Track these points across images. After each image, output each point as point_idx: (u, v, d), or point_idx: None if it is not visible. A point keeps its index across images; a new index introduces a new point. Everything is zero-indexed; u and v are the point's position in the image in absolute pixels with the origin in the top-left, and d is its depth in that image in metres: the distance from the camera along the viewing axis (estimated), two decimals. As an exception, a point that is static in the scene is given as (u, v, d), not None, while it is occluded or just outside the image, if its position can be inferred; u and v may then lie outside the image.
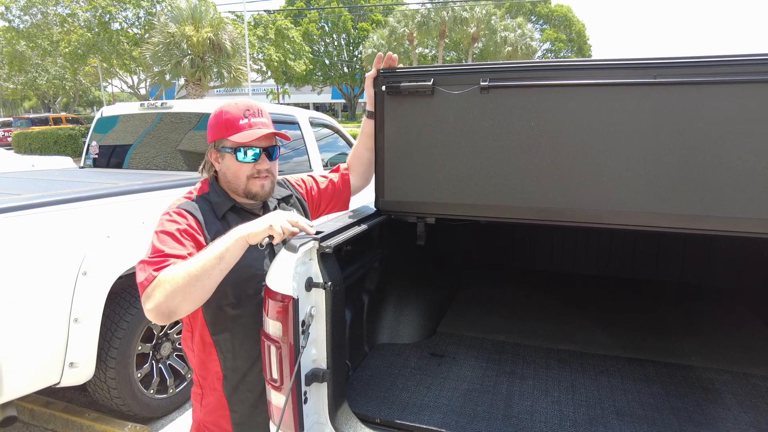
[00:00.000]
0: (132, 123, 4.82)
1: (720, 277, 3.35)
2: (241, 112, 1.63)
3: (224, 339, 1.65)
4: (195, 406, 1.77)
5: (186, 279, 1.34)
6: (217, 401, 1.70)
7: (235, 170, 1.64)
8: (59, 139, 19.74)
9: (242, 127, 1.61)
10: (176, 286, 1.33)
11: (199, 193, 1.68)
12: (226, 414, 1.71)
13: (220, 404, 1.70)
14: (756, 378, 2.25)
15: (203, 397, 1.73)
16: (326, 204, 2.10)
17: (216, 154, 1.67)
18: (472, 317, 2.96)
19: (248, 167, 1.64)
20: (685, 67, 1.64)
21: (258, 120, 1.65)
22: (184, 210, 1.57)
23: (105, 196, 2.93)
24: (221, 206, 1.65)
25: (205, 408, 1.73)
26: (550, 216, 1.90)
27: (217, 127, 1.64)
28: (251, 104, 1.66)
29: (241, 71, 17.79)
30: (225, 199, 1.67)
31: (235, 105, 1.65)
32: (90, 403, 3.37)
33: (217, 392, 1.70)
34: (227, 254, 1.40)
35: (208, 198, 1.66)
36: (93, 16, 22.15)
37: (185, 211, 1.57)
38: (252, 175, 1.64)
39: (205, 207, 1.63)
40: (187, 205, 1.60)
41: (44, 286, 2.54)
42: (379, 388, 2.12)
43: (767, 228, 1.66)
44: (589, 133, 1.78)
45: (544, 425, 1.87)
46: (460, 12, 28.51)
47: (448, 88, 1.91)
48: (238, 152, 1.62)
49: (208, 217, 1.61)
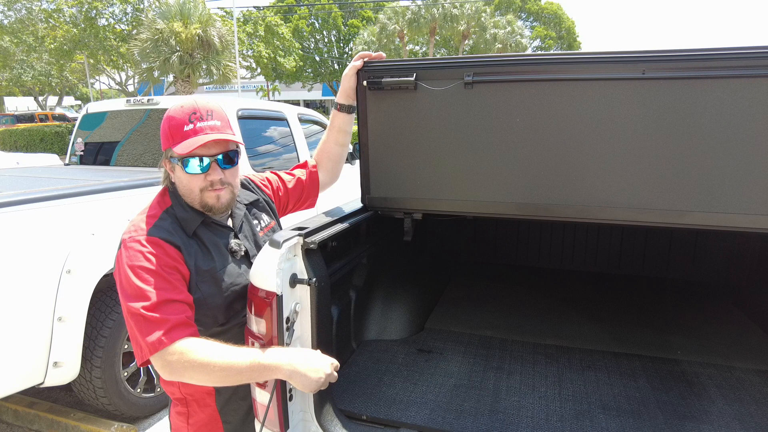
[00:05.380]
0: (119, 120, 4.77)
1: (706, 273, 3.39)
2: (187, 117, 1.43)
3: None
4: (179, 426, 1.64)
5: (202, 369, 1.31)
6: (208, 417, 1.62)
7: (186, 183, 1.48)
8: (45, 137, 19.47)
9: (187, 134, 1.42)
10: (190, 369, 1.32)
11: (164, 208, 1.51)
12: (219, 427, 1.63)
13: (212, 419, 1.62)
14: (740, 371, 2.28)
15: (190, 416, 1.62)
16: (294, 203, 1.98)
17: (169, 164, 1.50)
18: (460, 313, 2.96)
19: (199, 179, 1.46)
20: (673, 62, 1.64)
21: (205, 124, 1.44)
22: (158, 238, 1.41)
23: (89, 194, 2.90)
24: (190, 223, 1.50)
25: (193, 427, 1.62)
26: (537, 211, 1.90)
27: (164, 135, 1.47)
28: (198, 106, 1.45)
29: (230, 68, 17.64)
30: (193, 215, 1.51)
31: (180, 108, 1.45)
32: (75, 403, 3.33)
33: (210, 408, 1.61)
34: (256, 375, 1.35)
35: (174, 213, 1.50)
36: (79, 11, 21.84)
37: (162, 240, 1.41)
38: (205, 187, 1.47)
39: (175, 226, 1.48)
40: (157, 231, 1.43)
41: (27, 284, 2.50)
42: (366, 385, 2.11)
43: (752, 223, 1.67)
44: (575, 128, 1.78)
45: (530, 420, 1.88)
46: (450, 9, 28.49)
47: (432, 84, 1.89)
48: (185, 164, 1.44)
49: (184, 237, 1.47)
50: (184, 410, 1.62)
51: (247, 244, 1.64)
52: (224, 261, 1.56)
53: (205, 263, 1.50)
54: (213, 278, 1.51)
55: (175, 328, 1.34)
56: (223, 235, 1.60)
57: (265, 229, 1.75)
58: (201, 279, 1.48)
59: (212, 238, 1.55)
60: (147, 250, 1.39)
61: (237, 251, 1.59)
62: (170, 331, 1.33)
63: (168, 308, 1.35)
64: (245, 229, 1.67)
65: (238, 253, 1.60)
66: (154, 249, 1.40)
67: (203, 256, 1.51)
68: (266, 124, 5.01)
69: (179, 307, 1.38)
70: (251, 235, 1.68)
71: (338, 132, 2.03)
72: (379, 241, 2.57)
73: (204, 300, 1.49)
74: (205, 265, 1.50)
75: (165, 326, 1.32)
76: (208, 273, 1.50)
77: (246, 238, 1.65)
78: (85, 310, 2.76)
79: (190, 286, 1.46)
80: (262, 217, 1.77)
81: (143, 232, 1.42)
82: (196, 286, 1.47)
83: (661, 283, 3.42)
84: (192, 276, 1.46)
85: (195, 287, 1.47)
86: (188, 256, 1.46)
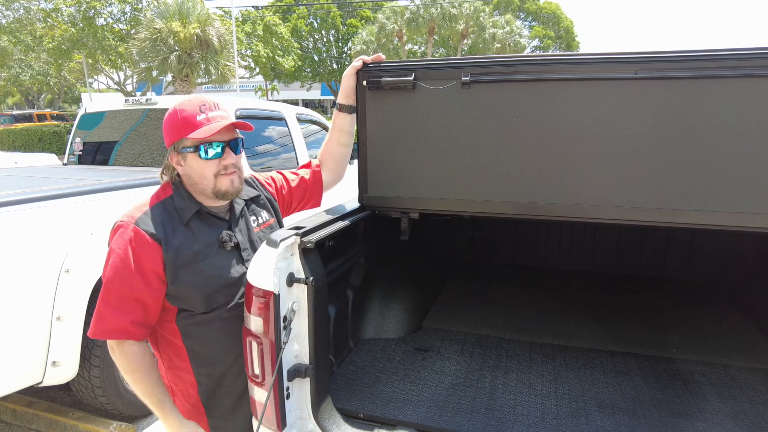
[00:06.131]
0: (117, 119, 4.77)
1: (702, 272, 3.40)
2: (197, 108, 1.54)
3: (196, 345, 1.61)
4: None
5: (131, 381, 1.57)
6: (192, 407, 1.67)
7: (201, 170, 1.55)
8: (44, 136, 19.45)
9: (200, 123, 1.52)
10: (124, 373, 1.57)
11: (162, 198, 1.59)
12: (203, 419, 1.68)
13: (196, 410, 1.67)
14: (734, 369, 2.29)
15: (175, 404, 1.67)
16: (298, 202, 2.04)
17: (177, 157, 1.57)
18: (457, 312, 2.98)
19: (214, 164, 1.55)
20: (665, 62, 1.65)
21: (216, 113, 1.56)
22: (142, 230, 1.49)
23: (88, 193, 2.90)
24: (186, 212, 1.57)
25: None
26: (533, 211, 1.92)
27: (175, 127, 1.54)
28: (206, 98, 1.57)
29: (228, 67, 17.66)
30: (190, 204, 1.59)
31: (189, 102, 1.56)
32: (74, 403, 3.33)
33: (192, 398, 1.66)
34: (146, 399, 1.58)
35: (172, 203, 1.58)
36: (77, 11, 21.81)
37: (144, 232, 1.49)
38: (219, 172, 1.56)
39: (166, 215, 1.55)
40: (144, 221, 1.51)
41: (26, 284, 2.51)
42: (363, 383, 2.12)
43: (746, 222, 1.69)
44: (570, 128, 1.79)
45: (526, 418, 1.89)
46: (449, 9, 28.52)
47: (430, 83, 1.91)
48: (201, 150, 1.53)
49: (170, 227, 1.53)
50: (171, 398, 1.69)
51: (240, 237, 1.66)
52: (210, 252, 1.58)
53: (188, 251, 1.54)
54: (194, 267, 1.54)
55: (117, 330, 1.49)
56: (217, 226, 1.63)
57: (262, 226, 1.78)
58: (181, 267, 1.52)
59: (203, 228, 1.59)
60: (128, 239, 1.49)
61: (227, 242, 1.62)
62: (114, 332, 1.50)
63: (123, 305, 1.48)
64: (240, 223, 1.70)
65: (228, 244, 1.62)
66: (135, 240, 1.48)
67: (188, 246, 1.54)
68: (265, 123, 5.02)
69: (133, 307, 1.49)
70: (246, 229, 1.71)
71: (340, 132, 2.07)
72: (377, 240, 2.58)
73: (182, 288, 1.53)
74: (188, 253, 1.54)
75: (111, 323, 1.48)
76: (190, 261, 1.54)
77: (240, 232, 1.68)
78: (83, 310, 2.76)
79: (166, 277, 1.52)
80: (261, 214, 1.80)
81: (132, 221, 1.51)
82: (174, 275, 1.52)
83: (657, 282, 3.44)
84: (168, 267, 1.51)
85: (173, 277, 1.52)
86: (168, 248, 1.51)
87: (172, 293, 1.54)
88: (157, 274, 1.50)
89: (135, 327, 1.50)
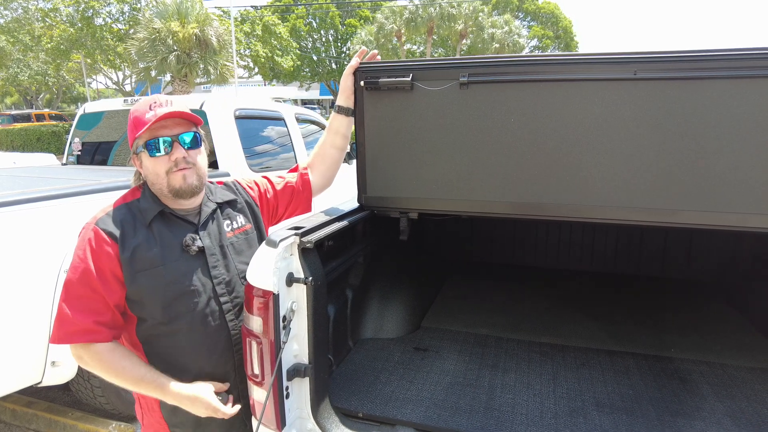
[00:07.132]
0: (116, 119, 4.77)
1: (701, 272, 3.41)
2: (147, 106, 1.50)
3: (157, 359, 1.54)
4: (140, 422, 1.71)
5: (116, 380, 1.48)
6: (156, 422, 1.63)
7: (153, 168, 1.51)
8: (42, 136, 19.42)
9: (148, 120, 1.47)
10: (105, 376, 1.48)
11: (129, 200, 1.56)
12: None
13: (160, 426, 1.62)
14: (732, 368, 2.30)
15: (143, 416, 1.66)
16: (284, 207, 1.94)
17: (137, 160, 1.54)
18: (456, 312, 2.98)
19: (164, 161, 1.49)
20: (663, 63, 1.66)
21: (165, 109, 1.49)
22: (100, 230, 1.47)
23: (87, 193, 2.90)
24: (149, 213, 1.53)
25: (147, 429, 1.66)
26: (531, 211, 1.92)
27: (129, 129, 1.52)
28: (159, 97, 1.52)
29: (227, 67, 17.62)
30: (153, 205, 1.54)
31: (141, 102, 1.53)
32: (73, 403, 3.34)
33: (156, 413, 1.61)
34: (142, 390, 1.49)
35: (138, 204, 1.55)
36: (75, 11, 21.78)
37: (102, 232, 1.46)
38: (170, 169, 1.50)
39: (128, 216, 1.51)
40: (104, 221, 1.49)
41: (25, 284, 2.51)
42: (362, 383, 2.13)
43: (745, 222, 1.69)
44: (569, 128, 1.80)
45: (525, 417, 1.89)
46: (448, 8, 28.53)
47: (428, 84, 1.91)
48: (150, 148, 1.49)
49: (130, 227, 1.50)
50: (139, 410, 1.69)
51: (207, 242, 1.58)
52: (171, 256, 1.52)
53: (147, 253, 1.49)
54: (153, 271, 1.49)
55: (81, 332, 1.42)
56: (182, 229, 1.57)
57: (236, 231, 1.70)
58: (139, 270, 1.47)
59: (165, 231, 1.54)
60: (88, 240, 1.46)
61: (190, 245, 1.54)
62: (78, 333, 1.42)
63: (84, 305, 1.42)
64: (210, 227, 1.62)
65: (191, 248, 1.54)
66: (95, 241, 1.46)
67: (147, 248, 1.49)
68: (263, 123, 5.02)
69: (95, 307, 1.44)
70: (217, 234, 1.63)
71: (335, 134, 2.02)
72: (376, 240, 2.59)
73: (141, 292, 1.48)
74: (146, 255, 1.48)
75: (73, 325, 1.42)
76: (149, 264, 1.48)
77: (208, 236, 1.60)
78: (82, 310, 2.76)
79: (125, 279, 1.47)
80: (236, 218, 1.72)
81: (94, 221, 1.50)
82: (132, 277, 1.47)
83: (656, 281, 3.44)
84: (125, 268, 1.46)
85: (131, 279, 1.47)
86: (124, 248, 1.46)
87: (132, 297, 1.48)
88: (114, 275, 1.45)
89: (100, 327, 1.43)
